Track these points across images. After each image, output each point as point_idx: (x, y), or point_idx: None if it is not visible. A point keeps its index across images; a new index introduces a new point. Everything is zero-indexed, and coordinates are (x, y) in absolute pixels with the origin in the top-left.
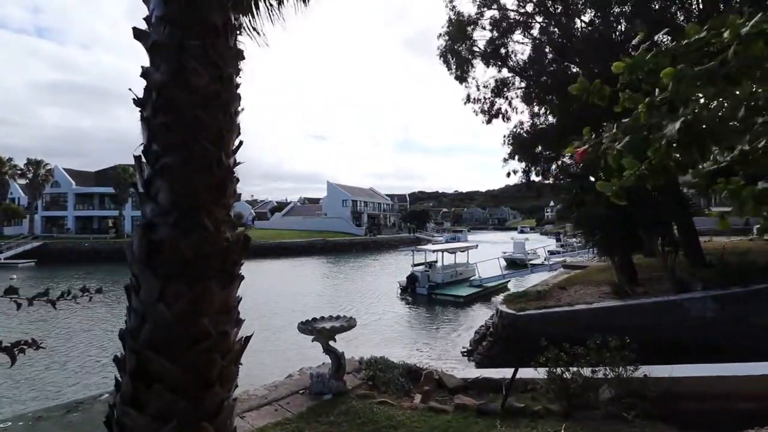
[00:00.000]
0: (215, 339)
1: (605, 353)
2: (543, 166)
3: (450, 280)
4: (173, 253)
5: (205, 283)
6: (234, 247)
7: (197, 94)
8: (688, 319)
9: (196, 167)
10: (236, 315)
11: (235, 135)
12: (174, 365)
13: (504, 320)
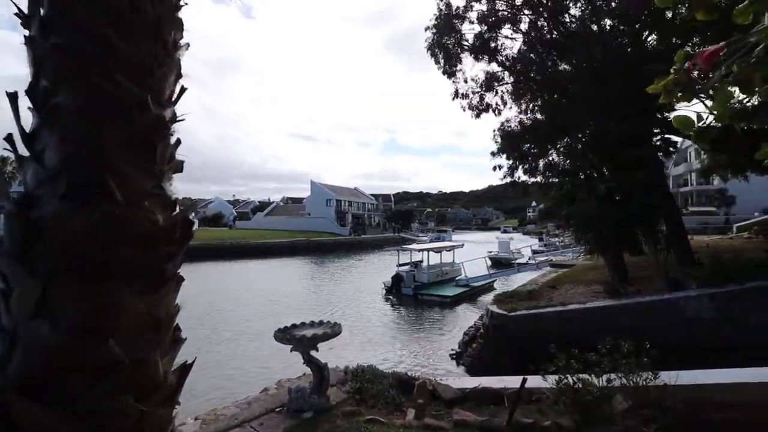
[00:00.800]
0: (129, 370)
1: (620, 359)
2: (530, 163)
3: (436, 280)
4: (61, 237)
5: (113, 284)
6: (165, 233)
7: (109, 5)
8: (684, 318)
9: (104, 112)
10: (172, 333)
11: (172, 75)
12: (58, 416)
13: (495, 321)
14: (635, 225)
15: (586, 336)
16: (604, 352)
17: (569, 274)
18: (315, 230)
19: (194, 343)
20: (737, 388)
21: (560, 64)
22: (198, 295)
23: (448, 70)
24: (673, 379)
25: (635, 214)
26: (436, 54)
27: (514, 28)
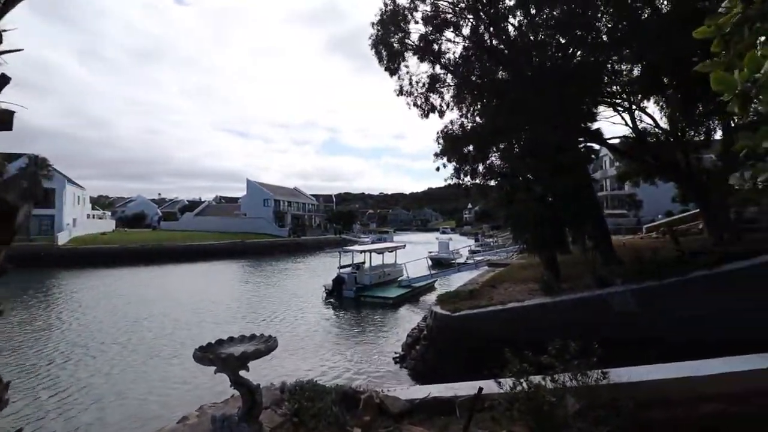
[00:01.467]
0: None
1: (570, 360)
2: (471, 165)
3: (378, 282)
4: None
5: None
6: None
7: None
8: (611, 313)
9: None
10: None
11: None
12: None
13: (439, 322)
14: (568, 225)
15: (526, 333)
16: (554, 353)
17: (506, 273)
18: (251, 231)
19: (102, 362)
20: (674, 384)
21: (500, 71)
22: (111, 306)
23: (391, 67)
24: (623, 377)
25: (567, 214)
26: (380, 51)
27: (457, 32)
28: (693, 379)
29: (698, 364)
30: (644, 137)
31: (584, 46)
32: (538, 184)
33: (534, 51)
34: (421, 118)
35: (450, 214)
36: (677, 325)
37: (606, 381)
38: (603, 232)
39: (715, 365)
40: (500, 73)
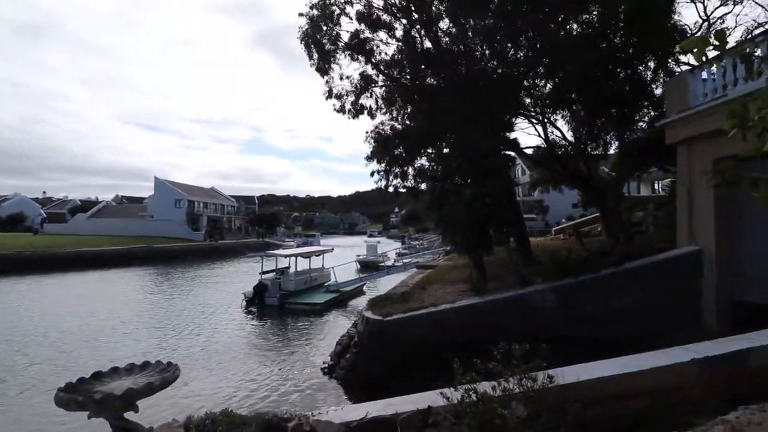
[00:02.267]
0: None
1: (516, 366)
2: (402, 168)
3: (305, 287)
4: None
5: None
6: None
7: None
8: (532, 311)
9: None
10: None
11: None
12: None
13: (370, 327)
14: (494, 227)
15: (459, 334)
16: (500, 357)
17: (435, 274)
18: (160, 235)
19: None
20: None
21: (430, 75)
22: None
23: (322, 66)
24: (568, 377)
25: (495, 216)
26: (310, 47)
27: (390, 33)
28: (626, 375)
29: (629, 360)
30: (554, 148)
31: (505, 60)
32: (468, 186)
33: (462, 59)
34: (350, 119)
35: (377, 218)
36: (589, 320)
37: (553, 383)
38: (523, 233)
39: (643, 360)
40: (431, 78)
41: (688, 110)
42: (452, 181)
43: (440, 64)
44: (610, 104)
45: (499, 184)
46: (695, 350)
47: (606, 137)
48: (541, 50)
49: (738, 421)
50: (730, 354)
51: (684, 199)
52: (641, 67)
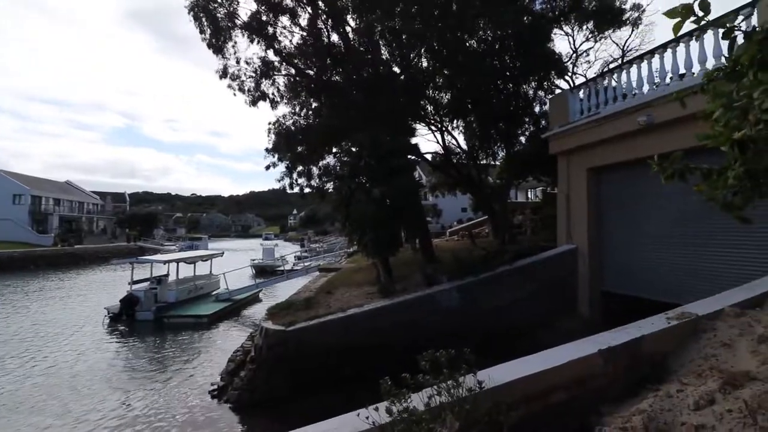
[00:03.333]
0: None
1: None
2: (306, 165)
3: (188, 297)
4: None
5: None
6: None
7: None
8: (439, 310)
9: None
10: None
11: None
12: None
13: (270, 339)
14: (403, 227)
15: (370, 339)
16: (428, 366)
17: (339, 277)
18: None
19: None
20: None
21: (337, 70)
22: None
23: (215, 44)
24: (498, 380)
25: (403, 216)
26: (201, 19)
27: (294, 20)
28: (546, 371)
29: (544, 355)
30: (450, 155)
31: (409, 66)
32: (376, 186)
33: (369, 57)
34: (249, 105)
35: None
36: (490, 316)
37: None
38: (426, 234)
39: (556, 355)
40: (338, 74)
41: (566, 125)
42: (360, 180)
43: (348, 60)
44: (499, 118)
45: (406, 183)
46: (599, 341)
47: (495, 147)
48: (443, 60)
49: (652, 409)
50: (627, 342)
51: (563, 203)
52: (525, 86)
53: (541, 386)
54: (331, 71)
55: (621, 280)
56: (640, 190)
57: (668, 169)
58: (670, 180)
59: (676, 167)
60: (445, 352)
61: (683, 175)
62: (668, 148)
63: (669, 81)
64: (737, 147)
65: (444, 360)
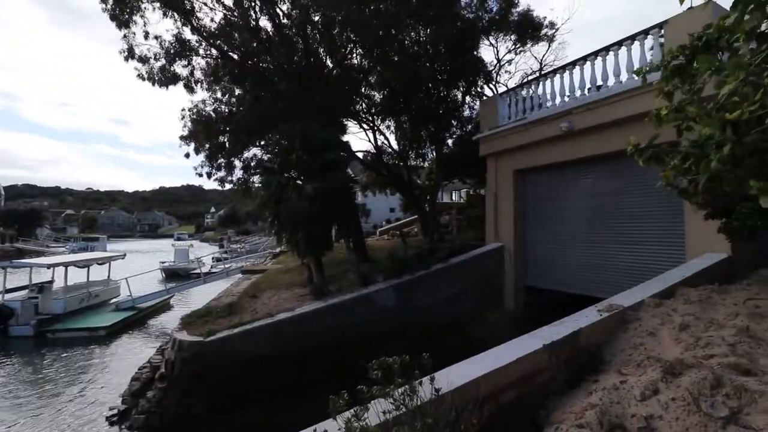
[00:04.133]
0: None
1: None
2: (228, 158)
3: (80, 307)
4: None
5: None
6: None
7: None
8: (376, 310)
9: None
10: None
11: None
12: None
13: (185, 353)
14: (337, 224)
15: (304, 344)
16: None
17: (265, 279)
18: None
19: None
20: (490, 376)
21: (267, 57)
22: None
23: (119, 16)
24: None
25: (338, 213)
26: None
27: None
28: (497, 370)
29: (493, 354)
30: (382, 154)
31: (342, 61)
32: (309, 181)
33: (302, 45)
34: (159, 86)
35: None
36: (425, 313)
37: (441, 394)
38: (360, 232)
39: (505, 353)
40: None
41: (496, 128)
42: (291, 174)
43: (278, 46)
44: (429, 119)
45: (341, 179)
46: (541, 336)
47: (425, 149)
48: (377, 58)
49: (603, 403)
50: (567, 336)
51: (492, 203)
52: (454, 90)
53: (492, 387)
54: (259, 57)
55: (541, 276)
56: (559, 192)
57: (645, 153)
58: (647, 163)
59: (653, 151)
60: (398, 359)
61: (659, 158)
62: (585, 153)
63: (587, 92)
64: (731, 127)
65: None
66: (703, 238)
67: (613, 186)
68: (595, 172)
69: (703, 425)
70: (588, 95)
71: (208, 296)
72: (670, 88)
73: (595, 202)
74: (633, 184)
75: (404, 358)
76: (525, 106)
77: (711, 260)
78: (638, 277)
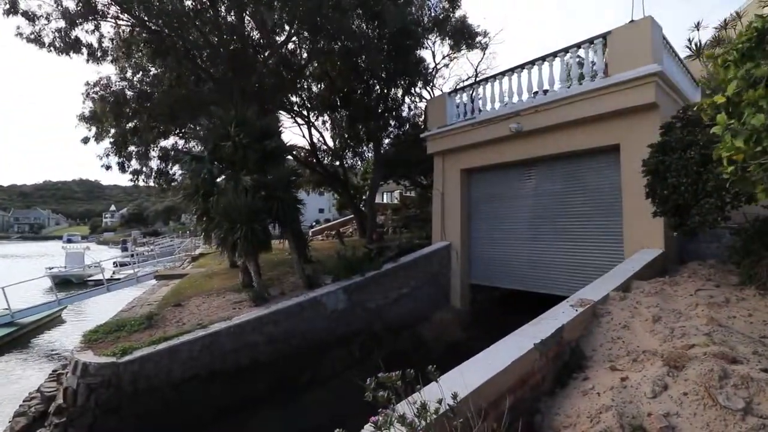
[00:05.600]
0: None
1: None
2: (142, 145)
3: None
4: None
5: None
6: None
7: None
8: (324, 314)
9: None
10: None
11: None
12: None
13: (92, 378)
14: (279, 221)
15: (242, 358)
16: (385, 397)
17: (188, 285)
18: None
19: None
20: (494, 381)
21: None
22: None
23: None
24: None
25: (280, 208)
26: None
27: None
28: (497, 376)
29: (485, 359)
30: (317, 151)
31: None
32: (248, 172)
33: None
34: (57, 54)
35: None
36: (374, 315)
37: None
38: (300, 231)
39: (498, 357)
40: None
41: (444, 127)
42: (223, 164)
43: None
44: (369, 116)
45: (285, 170)
46: (528, 335)
47: (362, 147)
48: (318, 48)
49: (616, 403)
50: (554, 333)
51: (438, 202)
52: (394, 89)
53: (494, 394)
54: (185, 30)
55: (487, 273)
56: (504, 191)
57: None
58: None
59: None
60: (399, 374)
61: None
62: (532, 153)
63: (534, 95)
64: None
65: (399, 384)
66: (639, 236)
67: (556, 186)
68: (539, 173)
69: (722, 419)
70: (536, 98)
71: (113, 307)
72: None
73: (539, 201)
74: (575, 184)
75: (408, 372)
76: (474, 106)
77: (651, 255)
78: (579, 273)
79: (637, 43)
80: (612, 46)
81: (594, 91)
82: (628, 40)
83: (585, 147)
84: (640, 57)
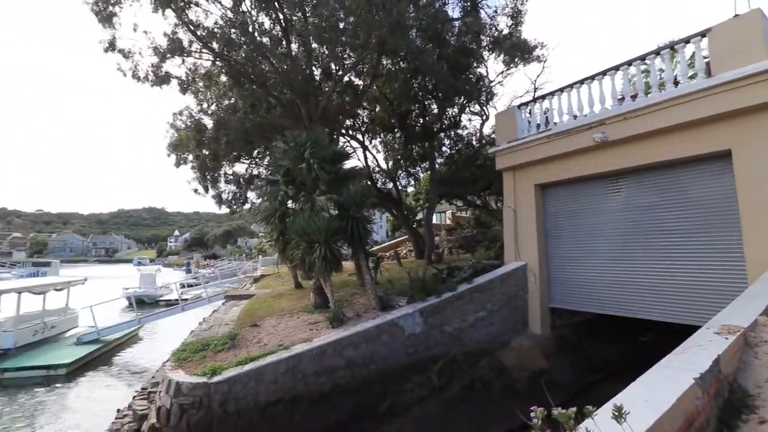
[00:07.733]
0: None
1: None
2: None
3: (34, 340)
4: None
5: None
6: None
7: None
8: (401, 337)
9: None
10: None
11: None
12: None
13: (185, 398)
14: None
15: (322, 382)
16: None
17: (259, 305)
18: None
19: None
20: (675, 408)
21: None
22: None
23: (102, 9)
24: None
25: (359, 227)
26: None
27: None
28: (676, 403)
29: (649, 384)
30: (372, 172)
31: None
32: (321, 193)
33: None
34: (151, 86)
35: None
36: (452, 338)
37: None
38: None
39: (661, 386)
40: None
41: (515, 141)
42: (299, 186)
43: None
44: (424, 136)
45: (360, 191)
46: (681, 368)
47: (415, 168)
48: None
49: None
50: (710, 366)
51: (510, 219)
52: (449, 109)
53: (675, 422)
54: (259, 61)
55: (568, 296)
56: (583, 206)
57: None
58: None
59: None
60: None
61: None
62: (620, 164)
63: (620, 102)
64: None
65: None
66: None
67: (648, 200)
68: (627, 185)
69: None
70: (623, 105)
71: (184, 326)
72: None
73: (627, 216)
74: (672, 197)
75: (588, 409)
76: (548, 118)
77: None
78: (681, 295)
79: (746, 39)
80: (714, 43)
81: (695, 94)
82: (734, 35)
83: (684, 155)
84: (751, 53)
